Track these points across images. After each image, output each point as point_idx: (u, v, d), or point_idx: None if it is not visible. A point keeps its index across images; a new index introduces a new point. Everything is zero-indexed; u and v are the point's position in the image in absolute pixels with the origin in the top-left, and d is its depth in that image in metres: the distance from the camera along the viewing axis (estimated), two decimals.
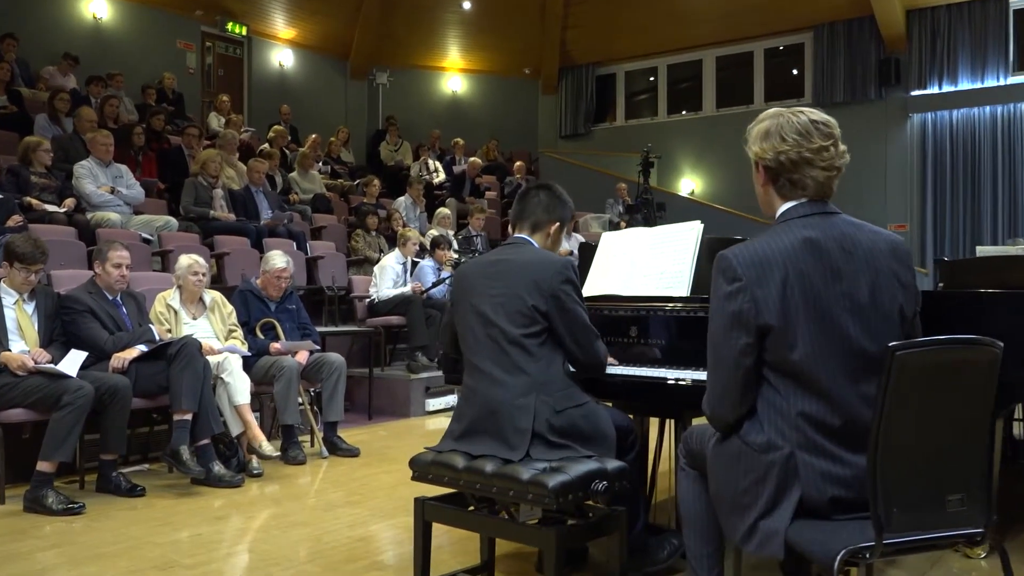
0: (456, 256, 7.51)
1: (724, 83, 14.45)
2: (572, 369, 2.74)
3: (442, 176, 13.11)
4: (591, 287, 3.44)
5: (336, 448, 5.42)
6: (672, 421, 3.35)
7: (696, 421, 2.62)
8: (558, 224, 2.88)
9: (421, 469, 2.69)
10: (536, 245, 2.83)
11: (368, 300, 7.48)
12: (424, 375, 7.20)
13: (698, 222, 3.32)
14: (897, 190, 12.48)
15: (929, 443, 1.87)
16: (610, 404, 3.03)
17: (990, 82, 11.76)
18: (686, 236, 3.30)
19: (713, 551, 2.40)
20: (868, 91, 12.70)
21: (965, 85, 11.95)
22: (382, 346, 7.35)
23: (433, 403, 7.22)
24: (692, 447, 2.45)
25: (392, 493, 4.43)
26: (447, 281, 7.59)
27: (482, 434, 2.61)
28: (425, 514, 2.68)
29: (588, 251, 3.65)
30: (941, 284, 5.47)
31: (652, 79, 15.40)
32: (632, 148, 14.54)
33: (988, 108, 11.81)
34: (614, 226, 12.96)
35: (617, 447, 2.72)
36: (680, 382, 2.86)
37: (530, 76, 15.92)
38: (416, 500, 2.73)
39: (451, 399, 7.35)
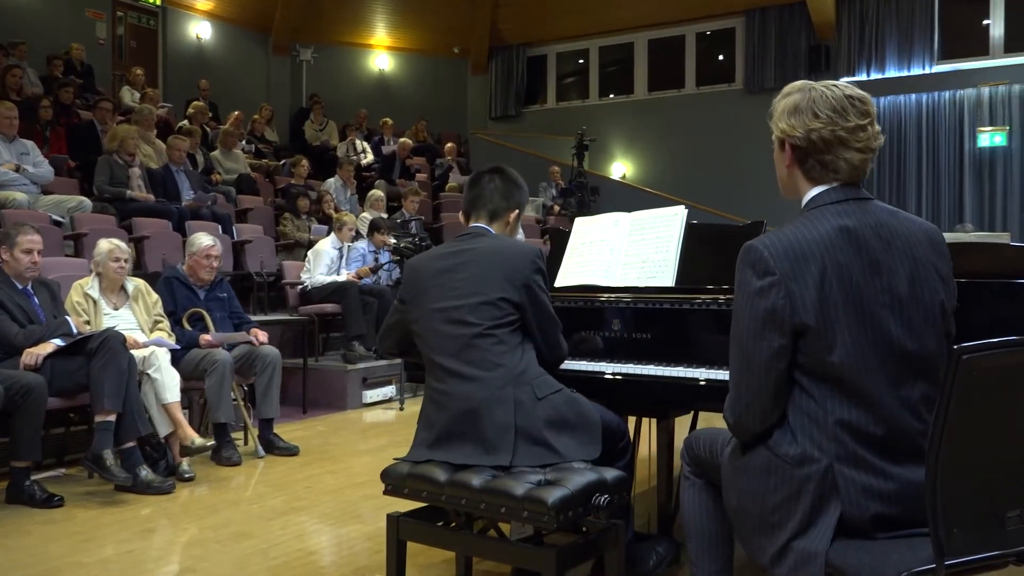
0: (395, 241, 7.16)
1: (656, 66, 14.35)
2: None
3: (370, 157, 12.66)
4: (567, 277, 3.20)
5: (273, 447, 5.06)
6: (653, 420, 3.13)
7: (707, 421, 2.40)
8: (517, 211, 2.67)
9: (395, 482, 2.40)
10: (495, 233, 2.58)
11: (300, 287, 7.09)
12: (361, 365, 6.86)
13: (682, 207, 3.11)
14: None
15: (994, 455, 1.68)
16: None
17: (916, 70, 11.95)
18: (669, 222, 3.09)
19: (723, 566, 2.21)
20: (798, 77, 12.47)
21: (892, 73, 12.12)
22: (315, 335, 6.96)
23: (371, 395, 6.89)
24: (699, 454, 2.24)
25: (339, 497, 4.11)
26: (386, 266, 7.26)
27: (459, 438, 2.34)
28: (400, 532, 2.39)
29: (560, 237, 3.40)
30: None
31: (583, 61, 15.22)
32: (563, 131, 14.35)
33: (914, 96, 12.01)
34: (547, 210, 12.79)
35: (608, 451, 2.49)
36: (668, 379, 2.67)
37: (459, 56, 15.55)
38: (389, 517, 2.44)
39: (389, 390, 7.04)
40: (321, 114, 13.34)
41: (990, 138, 11.39)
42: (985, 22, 11.87)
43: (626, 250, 3.15)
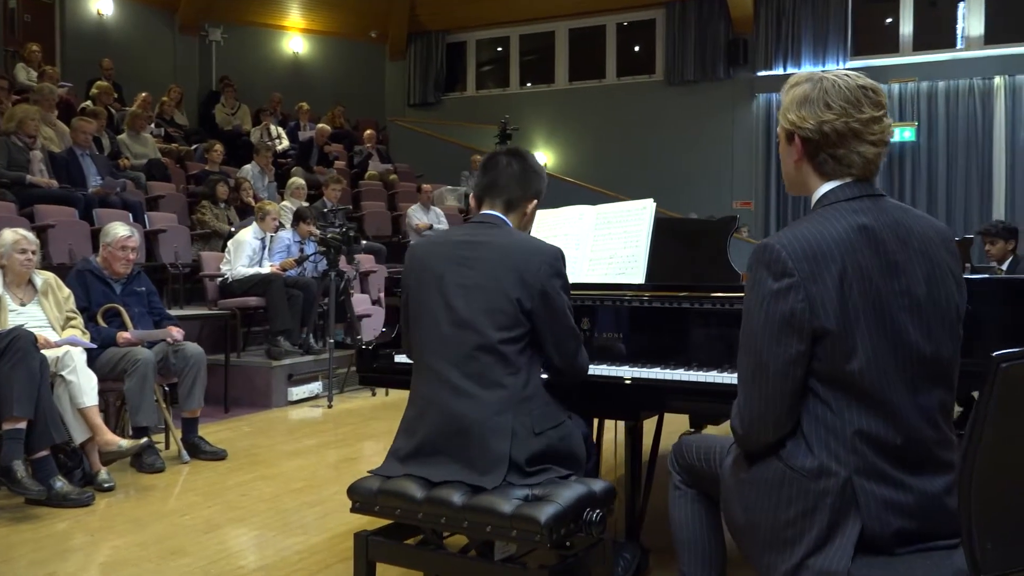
0: (320, 232, 6.87)
1: (577, 56, 14.30)
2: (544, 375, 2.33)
3: (286, 143, 12.21)
4: None
5: (198, 450, 4.75)
6: (617, 423, 3.01)
7: (673, 423, 2.28)
8: (535, 201, 2.45)
9: (365, 499, 2.20)
10: (511, 225, 2.38)
11: (220, 279, 6.73)
12: (287, 361, 6.56)
13: (650, 201, 2.99)
14: (743, 168, 12.80)
15: None
16: None
17: (831, 65, 12.20)
18: (638, 216, 2.97)
19: None
20: (717, 70, 12.91)
21: (808, 67, 12.35)
22: (237, 330, 6.61)
23: (297, 391, 6.59)
24: (691, 463, 2.12)
25: (277, 506, 3.86)
26: (312, 258, 6.96)
27: (441, 455, 2.15)
28: (369, 553, 2.19)
29: None
30: None
31: (501, 49, 15.06)
32: (483, 119, 14.18)
33: None
34: (469, 199, 12.59)
35: None
36: (639, 381, 2.55)
37: (377, 40, 15.17)
38: (357, 536, 2.24)
39: (316, 387, 6.76)
40: (233, 97, 12.78)
41: (900, 134, 11.73)
42: (892, 20, 12.22)
43: (592, 245, 3.02)
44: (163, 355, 4.67)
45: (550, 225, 3.14)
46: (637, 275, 2.87)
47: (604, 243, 2.99)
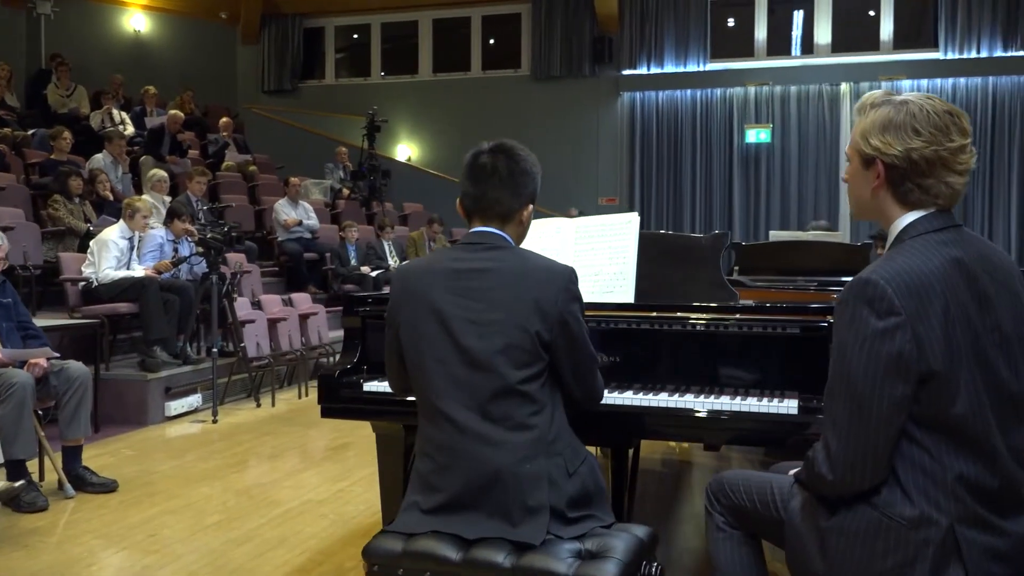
0: (195, 231, 6.32)
1: (441, 47, 14.03)
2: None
3: (131, 129, 11.26)
4: None
5: (85, 482, 4.21)
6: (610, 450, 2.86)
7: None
8: (531, 206, 2.18)
9: (387, 561, 1.92)
10: (511, 241, 2.14)
11: (83, 283, 6.05)
12: (163, 373, 6.00)
13: (634, 214, 2.84)
14: (608, 165, 12.99)
15: None
16: None
17: (692, 67, 12.58)
18: (623, 231, 2.81)
19: None
20: (583, 67, 13.01)
21: (670, 68, 12.67)
22: (106, 340, 5.97)
23: (175, 406, 6.04)
24: (739, 504, 1.99)
25: (197, 546, 3.45)
26: (190, 259, 6.40)
27: (472, 510, 1.92)
28: None
29: None
30: (736, 267, 5.56)
31: (359, 36, 14.57)
32: (345, 109, 13.70)
33: (689, 91, 12.65)
34: (336, 193, 12.11)
35: None
36: (635, 407, 2.41)
37: (227, 22, 14.29)
38: None
39: (195, 400, 6.23)
40: (68, 77, 11.66)
41: (756, 135, 12.25)
42: (747, 26, 12.72)
43: (574, 261, 2.83)
44: (42, 375, 4.11)
45: (524, 239, 2.93)
46: (626, 293, 2.72)
47: (588, 259, 2.82)
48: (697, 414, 2.40)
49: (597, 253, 2.83)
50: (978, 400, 1.64)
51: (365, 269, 9.45)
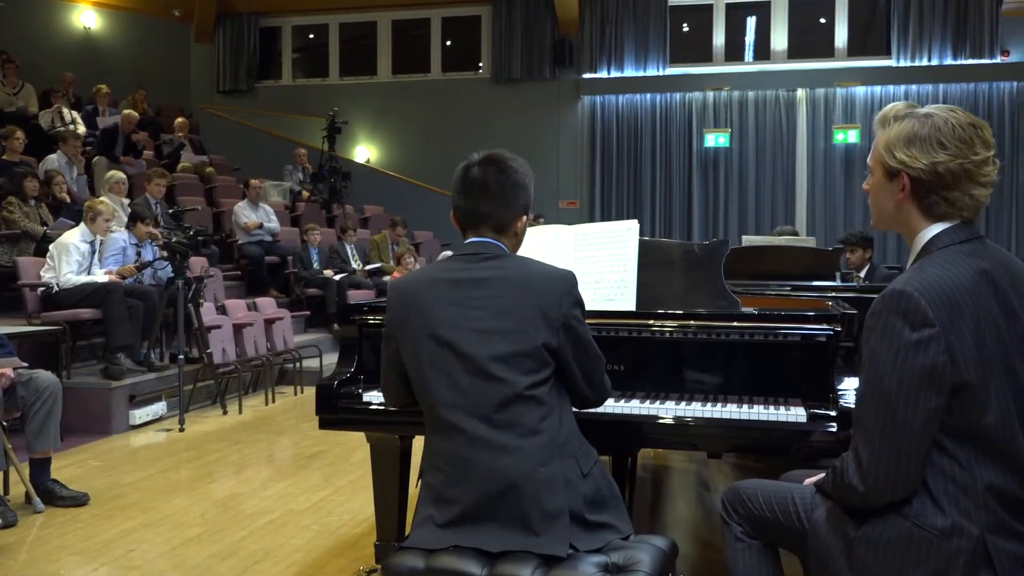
0: (163, 235, 6.17)
1: (400, 49, 13.92)
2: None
3: (82, 129, 10.95)
4: None
5: (54, 496, 4.08)
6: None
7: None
8: (525, 217, 2.16)
9: None
10: (508, 250, 2.12)
11: (43, 289, 5.86)
12: (128, 381, 5.84)
13: (634, 222, 2.84)
14: (568, 168, 13.01)
15: None
16: None
17: (651, 71, 12.67)
18: (623, 238, 2.81)
19: None
20: (543, 70, 13.01)
21: (630, 72, 12.75)
22: (68, 347, 5.79)
23: (140, 414, 5.89)
24: (758, 514, 2.00)
25: (180, 560, 3.36)
26: (154, 263, 6.24)
27: (490, 521, 1.89)
28: None
29: None
30: None
31: (314, 36, 14.39)
32: (303, 110, 13.53)
33: (649, 96, 12.74)
34: (296, 195, 11.95)
35: None
36: (639, 415, 2.42)
37: (181, 20, 14.01)
38: None
39: (159, 408, 6.08)
40: (14, 75, 11.31)
41: (715, 139, 12.39)
42: (706, 31, 12.86)
43: (573, 268, 2.81)
44: (9, 385, 3.96)
45: (522, 247, 2.90)
46: (628, 301, 2.72)
47: (588, 266, 2.80)
48: (703, 423, 2.40)
49: (597, 261, 2.82)
50: (1007, 410, 1.66)
51: (328, 273, 9.33)
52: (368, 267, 10.09)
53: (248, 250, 9.44)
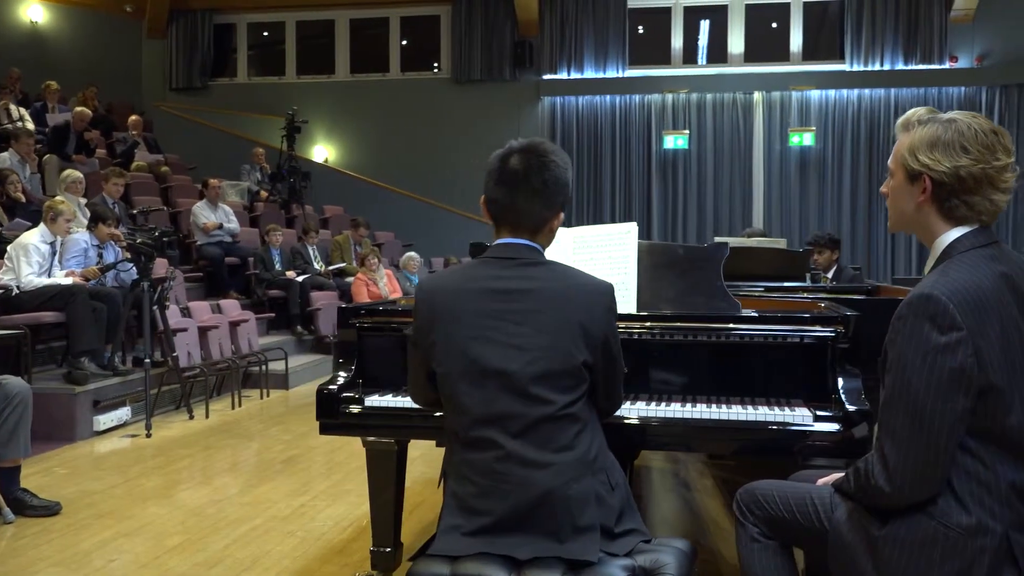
0: (127, 237, 6.01)
1: (359, 48, 13.80)
2: None
3: (31, 126, 10.64)
4: None
5: (25, 506, 3.95)
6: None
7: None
8: (562, 215, 2.09)
9: None
10: (544, 253, 2.07)
11: (2, 291, 5.68)
12: (92, 386, 5.69)
13: (633, 224, 2.85)
14: None
15: None
16: None
17: (611, 73, 12.75)
18: (622, 240, 2.82)
19: None
20: (504, 70, 13.02)
21: (590, 74, 12.82)
22: (29, 351, 5.61)
23: (104, 420, 5.74)
24: (775, 514, 2.01)
25: (163, 571, 3.27)
26: (117, 265, 6.09)
27: (520, 532, 1.86)
28: None
29: (482, 251, 2.96)
30: None
31: (269, 34, 14.20)
32: (258, 108, 13.36)
33: (609, 97, 12.83)
34: (254, 195, 11.77)
35: None
36: (644, 418, 2.43)
37: (132, 16, 13.70)
38: None
39: (124, 413, 5.93)
40: None
41: (674, 141, 12.52)
42: (664, 34, 12.99)
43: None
44: None
45: None
46: (629, 303, 2.73)
47: (587, 269, 2.78)
48: (708, 425, 2.42)
49: (597, 263, 2.82)
50: None
51: (291, 274, 9.21)
52: (331, 267, 9.98)
53: (207, 251, 9.26)
